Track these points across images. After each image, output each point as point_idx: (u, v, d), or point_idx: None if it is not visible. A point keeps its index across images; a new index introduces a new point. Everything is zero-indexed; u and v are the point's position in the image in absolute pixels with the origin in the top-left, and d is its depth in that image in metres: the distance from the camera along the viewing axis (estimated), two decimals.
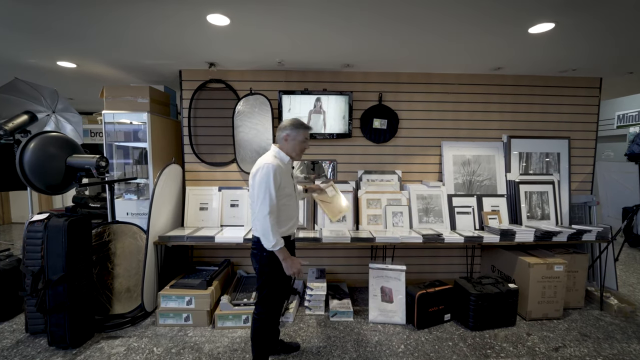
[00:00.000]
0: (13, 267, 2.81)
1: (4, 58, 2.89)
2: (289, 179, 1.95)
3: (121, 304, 2.72)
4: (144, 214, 3.15)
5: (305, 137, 1.97)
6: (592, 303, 3.07)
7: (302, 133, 1.96)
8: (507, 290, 2.63)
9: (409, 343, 2.42)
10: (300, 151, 1.99)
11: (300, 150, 1.99)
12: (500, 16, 2.07)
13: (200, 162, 3.31)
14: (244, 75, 3.23)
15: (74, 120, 3.42)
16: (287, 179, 1.92)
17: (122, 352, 2.28)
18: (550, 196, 3.23)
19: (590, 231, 2.84)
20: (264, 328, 1.97)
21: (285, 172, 1.93)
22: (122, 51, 2.73)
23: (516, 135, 3.34)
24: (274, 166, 1.81)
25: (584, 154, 3.42)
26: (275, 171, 1.81)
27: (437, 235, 2.77)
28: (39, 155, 2.36)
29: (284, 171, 1.91)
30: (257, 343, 1.97)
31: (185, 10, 2.02)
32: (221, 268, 3.07)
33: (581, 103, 3.36)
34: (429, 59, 2.87)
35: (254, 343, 1.97)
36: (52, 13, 2.06)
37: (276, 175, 1.80)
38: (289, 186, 1.95)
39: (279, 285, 1.96)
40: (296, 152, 1.98)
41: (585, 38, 2.38)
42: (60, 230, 2.29)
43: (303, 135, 1.96)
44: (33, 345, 2.36)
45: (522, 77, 3.31)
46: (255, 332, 1.96)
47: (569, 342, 2.45)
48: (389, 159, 3.36)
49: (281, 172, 1.86)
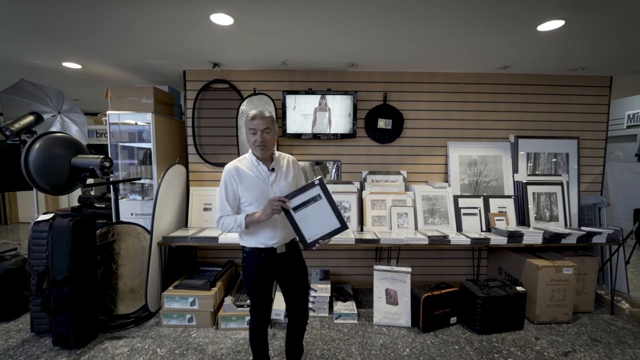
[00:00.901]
0: (19, 267, 2.82)
1: (10, 59, 2.92)
2: (255, 184, 1.71)
3: (125, 304, 2.72)
4: (148, 215, 3.15)
5: (249, 127, 1.68)
6: (603, 307, 3.01)
7: (246, 124, 1.70)
8: (514, 293, 2.58)
9: (414, 346, 2.39)
10: (252, 144, 1.71)
11: (251, 144, 1.71)
12: (508, 13, 2.03)
13: (204, 163, 3.31)
14: (247, 75, 3.21)
15: (79, 120, 3.44)
16: (251, 184, 1.71)
17: (126, 352, 2.28)
18: (558, 197, 3.17)
19: (601, 233, 2.78)
20: (257, 336, 1.87)
21: (247, 176, 1.71)
22: (126, 52, 2.74)
23: (524, 135, 3.28)
24: (227, 171, 1.72)
25: (594, 154, 3.35)
26: (226, 177, 1.71)
27: (443, 237, 2.73)
28: (44, 156, 2.37)
29: (244, 175, 1.71)
30: (254, 351, 1.91)
31: (189, 10, 2.01)
32: (225, 269, 3.06)
33: (591, 102, 3.29)
34: (434, 57, 2.83)
35: (252, 351, 1.92)
36: (56, 13, 2.06)
37: (227, 181, 1.71)
38: (252, 192, 1.70)
39: (259, 290, 1.79)
40: (250, 146, 1.74)
41: (596, 36, 2.32)
42: (64, 230, 2.30)
43: (247, 126, 1.70)
44: (38, 344, 2.37)
45: (530, 76, 3.25)
46: (251, 341, 1.90)
47: (578, 347, 2.39)
48: (393, 160, 3.32)
49: (235, 176, 1.70)
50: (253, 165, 1.74)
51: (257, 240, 1.74)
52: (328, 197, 1.64)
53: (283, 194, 1.70)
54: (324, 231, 1.68)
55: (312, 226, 1.68)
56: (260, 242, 1.73)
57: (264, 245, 1.73)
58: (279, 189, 1.74)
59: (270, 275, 1.80)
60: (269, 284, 1.81)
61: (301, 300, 1.91)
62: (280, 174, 1.78)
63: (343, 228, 1.68)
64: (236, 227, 1.69)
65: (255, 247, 1.74)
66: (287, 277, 1.85)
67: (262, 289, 1.79)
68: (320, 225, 1.68)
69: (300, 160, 3.25)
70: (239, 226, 1.68)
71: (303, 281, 1.91)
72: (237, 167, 1.73)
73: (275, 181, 1.75)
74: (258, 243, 1.73)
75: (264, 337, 1.90)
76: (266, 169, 1.74)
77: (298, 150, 3.27)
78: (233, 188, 1.72)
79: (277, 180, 1.76)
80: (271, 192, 1.73)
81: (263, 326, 1.87)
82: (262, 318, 1.85)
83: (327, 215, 1.66)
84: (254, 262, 1.75)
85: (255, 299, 1.81)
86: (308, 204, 1.65)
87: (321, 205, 1.65)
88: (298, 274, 1.88)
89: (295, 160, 1.90)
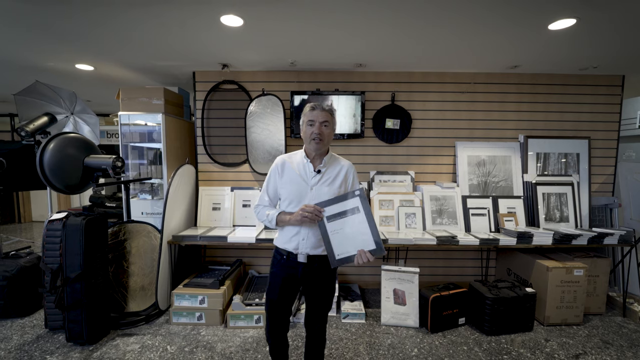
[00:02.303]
0: (33, 265, 2.89)
1: (26, 62, 2.99)
2: (295, 181, 1.60)
3: (136, 302, 2.76)
4: (158, 214, 3.20)
5: (308, 119, 1.58)
6: (614, 309, 2.96)
7: (303, 115, 1.61)
8: (524, 295, 2.56)
9: (422, 347, 2.38)
10: (307, 137, 1.58)
11: (307, 136, 1.58)
12: (518, 13, 2.02)
13: (213, 163, 3.35)
14: (256, 76, 3.24)
15: (91, 121, 3.50)
16: (289, 180, 1.61)
17: (137, 349, 2.32)
18: (569, 198, 3.13)
19: (612, 234, 2.74)
20: (271, 341, 1.75)
21: (291, 172, 1.62)
22: (138, 53, 2.78)
23: (533, 135, 3.25)
24: (275, 163, 1.66)
25: (605, 154, 3.30)
26: (273, 168, 1.65)
27: (451, 237, 2.72)
28: (58, 156, 2.42)
29: (288, 170, 1.62)
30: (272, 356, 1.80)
31: (200, 12, 2.04)
32: (233, 268, 3.09)
33: (602, 102, 3.25)
34: (443, 57, 2.82)
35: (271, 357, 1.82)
36: (69, 15, 2.11)
37: (272, 173, 1.65)
38: (289, 189, 1.60)
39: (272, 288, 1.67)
40: (305, 140, 1.62)
41: (608, 34, 2.29)
42: (78, 229, 2.35)
43: (304, 117, 1.60)
44: (52, 340, 2.42)
45: (540, 75, 3.22)
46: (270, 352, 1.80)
47: (589, 349, 2.36)
48: (401, 160, 3.32)
49: (280, 170, 1.63)
50: (301, 162, 1.63)
51: (279, 240, 1.67)
52: (367, 212, 1.44)
53: (321, 199, 1.55)
54: (355, 250, 1.47)
55: (344, 241, 1.49)
56: (280, 243, 1.66)
57: (282, 246, 1.64)
58: (318, 194, 1.56)
59: (289, 281, 1.64)
60: (283, 288, 1.64)
61: (317, 322, 1.72)
62: (327, 178, 1.60)
63: (378, 252, 1.45)
64: (267, 220, 1.63)
65: (279, 247, 1.66)
66: (309, 293, 1.69)
67: (274, 290, 1.65)
68: (353, 242, 1.47)
69: None
70: (269, 221, 1.62)
71: (324, 302, 1.70)
72: (284, 161, 1.64)
73: (318, 184, 1.58)
74: (279, 242, 1.67)
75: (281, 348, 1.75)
76: (312, 168, 1.60)
77: None
78: (275, 180, 1.64)
79: (320, 184, 1.59)
80: (309, 194, 1.57)
81: (271, 329, 1.70)
82: (273, 323, 1.69)
83: (363, 232, 1.45)
84: (275, 259, 1.68)
85: (267, 297, 1.70)
86: (344, 215, 1.47)
87: (358, 220, 1.45)
88: (320, 293, 1.67)
89: (353, 168, 1.70)
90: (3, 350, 2.30)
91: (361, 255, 1.47)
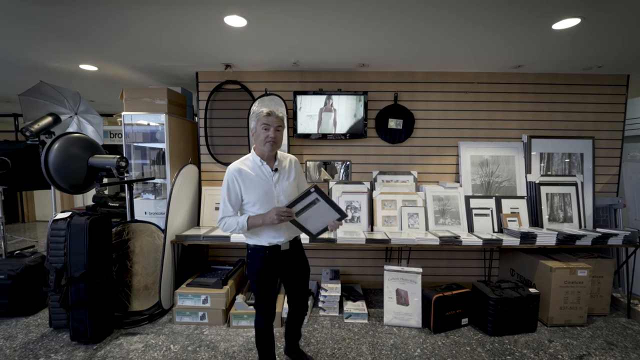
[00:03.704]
0: (38, 264, 2.91)
1: (31, 62, 3.01)
2: (258, 184, 1.72)
3: (139, 301, 2.77)
4: (162, 213, 3.21)
5: (263, 122, 1.68)
6: (619, 310, 2.95)
7: (257, 119, 1.70)
8: (527, 295, 2.55)
9: (425, 347, 2.38)
10: (262, 139, 1.69)
11: (262, 139, 1.69)
12: (522, 13, 2.01)
13: (216, 163, 3.35)
14: (259, 76, 3.25)
15: (94, 121, 3.52)
16: (252, 184, 1.72)
17: (141, 348, 2.33)
18: (573, 198, 3.12)
19: (617, 235, 2.73)
20: (262, 333, 1.89)
21: (250, 177, 1.72)
22: (141, 53, 2.79)
23: (537, 135, 3.23)
24: (230, 172, 1.72)
25: (609, 154, 3.28)
26: (229, 178, 1.71)
27: (454, 238, 2.72)
28: (63, 156, 2.44)
29: (247, 176, 1.72)
30: (259, 349, 1.93)
31: (204, 12, 2.05)
32: (236, 267, 3.09)
33: (607, 102, 3.23)
34: (446, 57, 2.82)
35: (257, 349, 1.95)
36: (72, 15, 2.12)
37: (230, 182, 1.71)
38: (255, 193, 1.71)
39: (265, 292, 1.83)
40: (259, 143, 1.73)
41: (613, 33, 2.28)
42: (82, 228, 2.36)
43: (259, 121, 1.69)
44: (56, 339, 2.43)
45: (543, 75, 3.21)
46: (256, 338, 1.92)
47: (593, 351, 2.35)
48: (404, 160, 3.31)
49: (238, 178, 1.71)
50: (256, 165, 1.76)
51: (261, 239, 1.78)
52: (325, 199, 1.70)
53: (286, 193, 1.77)
54: (326, 224, 1.81)
55: (316, 222, 1.79)
56: (265, 241, 1.77)
57: (268, 243, 1.77)
58: (282, 189, 1.78)
59: (274, 271, 1.84)
60: (273, 280, 1.85)
61: (303, 295, 2.01)
62: (283, 174, 1.81)
63: (343, 217, 1.79)
64: (238, 228, 1.71)
65: (259, 245, 1.78)
66: (290, 273, 1.92)
67: (265, 284, 1.83)
68: (322, 220, 1.79)
69: (311, 160, 3.27)
70: (241, 228, 1.71)
71: (305, 277, 1.98)
72: (239, 169, 1.73)
73: (279, 181, 1.78)
74: (262, 241, 1.77)
75: (269, 334, 1.92)
76: (269, 169, 1.77)
77: (308, 150, 3.28)
78: (236, 189, 1.73)
79: (280, 180, 1.79)
80: (274, 192, 1.76)
81: (268, 322, 1.88)
82: (266, 313, 1.87)
83: (328, 212, 1.75)
84: (258, 258, 1.79)
85: (259, 294, 1.85)
86: (308, 207, 1.71)
87: (320, 206, 1.72)
88: (301, 270, 1.95)
89: (297, 160, 1.94)
90: (8, 348, 2.32)
91: (332, 226, 1.80)
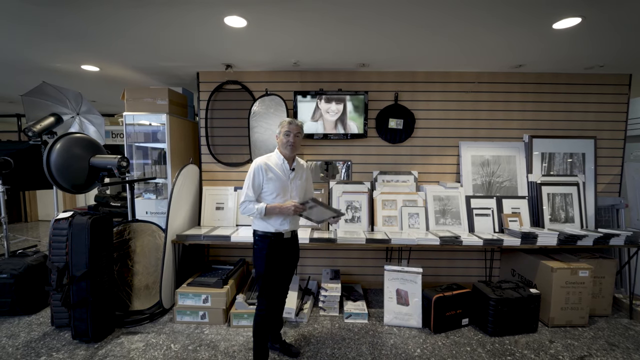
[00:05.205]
0: (40, 263, 2.93)
1: (33, 63, 3.03)
2: (277, 178, 2.03)
3: (140, 300, 2.79)
4: (163, 213, 3.22)
5: (285, 130, 2.03)
6: (620, 311, 2.93)
7: (281, 127, 2.06)
8: (528, 295, 2.54)
9: (425, 347, 2.38)
10: (284, 144, 2.04)
11: (284, 143, 2.04)
12: (522, 12, 2.00)
13: (216, 163, 3.36)
14: (259, 76, 3.25)
15: (96, 121, 3.54)
16: (274, 177, 2.02)
17: (141, 347, 2.34)
18: (574, 198, 3.10)
19: (619, 235, 2.71)
20: (264, 322, 2.04)
21: (274, 171, 2.03)
22: (142, 54, 2.81)
23: (538, 135, 3.22)
24: (258, 164, 2.01)
25: (611, 154, 3.26)
26: (256, 168, 2.00)
27: (454, 238, 2.71)
28: (65, 156, 2.45)
29: (271, 170, 2.02)
30: (257, 337, 2.05)
31: (204, 13, 2.05)
32: (236, 267, 3.10)
33: (609, 101, 3.21)
34: (446, 57, 2.81)
35: (255, 337, 2.06)
36: (72, 15, 2.13)
37: (256, 172, 2.00)
38: (275, 184, 2.02)
39: (270, 274, 2.03)
40: (282, 146, 2.06)
41: (614, 33, 2.27)
42: (83, 228, 2.37)
43: (282, 129, 2.05)
44: (58, 338, 2.45)
45: (544, 74, 3.20)
46: (256, 326, 2.05)
47: (595, 352, 2.34)
48: (405, 160, 3.31)
49: (264, 170, 2.00)
50: (279, 162, 2.07)
51: (269, 225, 2.04)
52: (321, 205, 2.07)
53: (298, 189, 2.11)
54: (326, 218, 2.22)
55: (318, 216, 2.20)
56: (273, 227, 2.04)
57: (275, 229, 2.04)
58: (295, 186, 2.10)
59: (278, 256, 2.05)
60: (277, 264, 2.05)
61: (288, 282, 2.24)
62: (298, 174, 2.13)
63: (339, 215, 2.16)
64: (257, 213, 1.99)
65: (267, 231, 2.04)
66: (285, 260, 2.12)
67: (271, 268, 2.03)
68: (322, 216, 2.20)
69: (312, 160, 3.27)
70: (259, 213, 1.98)
71: (295, 265, 2.25)
72: (266, 163, 2.03)
73: (294, 179, 2.10)
74: (270, 227, 2.04)
75: (269, 322, 2.07)
76: (289, 167, 2.08)
77: (310, 150, 3.29)
78: (259, 179, 2.01)
79: (295, 178, 2.10)
80: (289, 187, 2.08)
81: (270, 310, 2.05)
82: (270, 301, 2.05)
83: (325, 212, 2.16)
84: (265, 242, 2.03)
85: (264, 279, 2.03)
86: (311, 208, 2.09)
87: (320, 209, 2.10)
88: (294, 258, 2.22)
89: (309, 166, 2.22)
90: (11, 347, 2.33)
91: (331, 221, 2.20)
